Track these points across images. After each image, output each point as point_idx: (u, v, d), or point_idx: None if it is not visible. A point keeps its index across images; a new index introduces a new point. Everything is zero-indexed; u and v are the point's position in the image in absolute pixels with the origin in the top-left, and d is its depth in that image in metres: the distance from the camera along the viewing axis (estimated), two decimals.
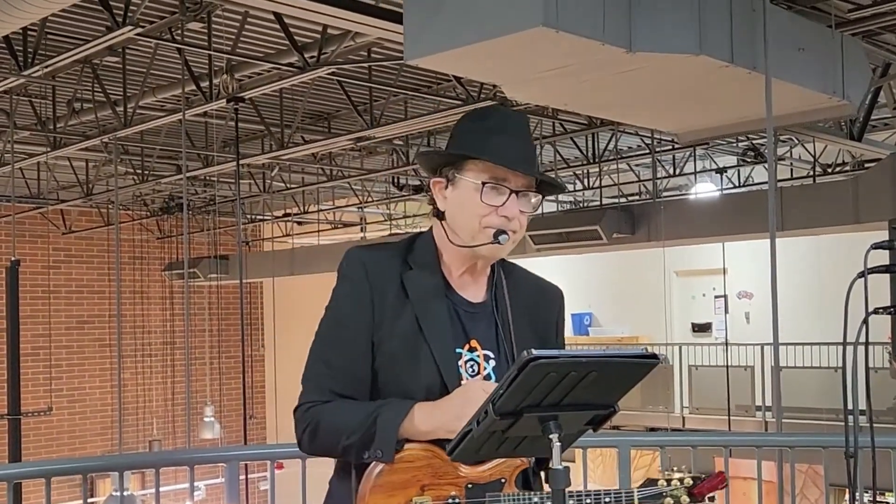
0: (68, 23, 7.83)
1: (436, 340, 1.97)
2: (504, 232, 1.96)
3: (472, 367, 1.99)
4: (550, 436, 1.70)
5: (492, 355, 2.03)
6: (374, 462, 1.89)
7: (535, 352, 1.62)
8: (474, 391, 1.87)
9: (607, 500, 1.98)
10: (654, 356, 1.71)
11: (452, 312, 2.02)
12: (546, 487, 2.01)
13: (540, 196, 2.03)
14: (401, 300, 1.98)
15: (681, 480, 2.02)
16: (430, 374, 1.95)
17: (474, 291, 2.07)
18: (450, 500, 1.90)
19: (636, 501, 1.99)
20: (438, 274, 2.04)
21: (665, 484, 2.01)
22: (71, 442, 17.43)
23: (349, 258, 2.03)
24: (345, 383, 1.96)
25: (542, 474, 2.05)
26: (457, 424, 1.83)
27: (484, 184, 1.96)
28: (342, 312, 2.00)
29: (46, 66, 7.92)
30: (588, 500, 1.94)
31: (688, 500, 2.01)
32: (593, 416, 1.79)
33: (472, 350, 2.01)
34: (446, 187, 2.03)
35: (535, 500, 1.91)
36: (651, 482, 2.02)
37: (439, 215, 2.05)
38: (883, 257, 2.13)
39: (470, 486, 1.91)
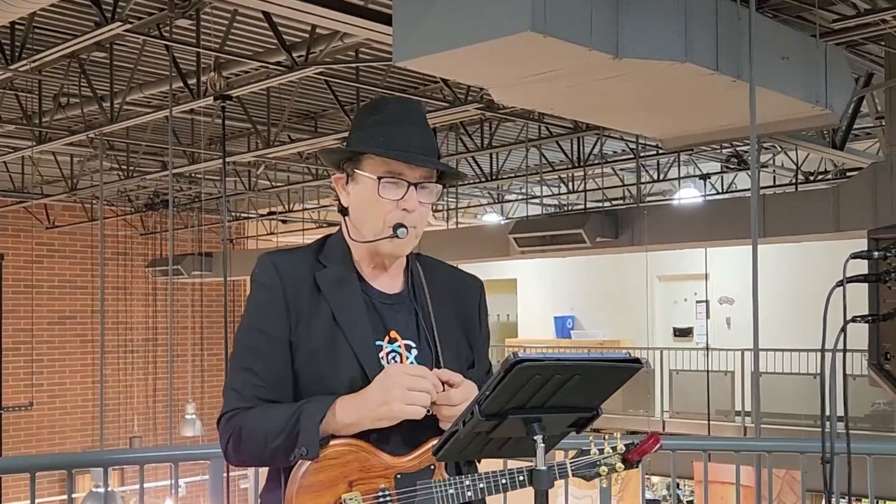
0: (56, 18, 7.82)
1: (354, 334, 1.94)
2: (403, 225, 1.94)
3: (393, 357, 1.97)
4: (535, 437, 1.73)
5: (413, 345, 2.00)
6: (298, 463, 1.85)
7: (520, 354, 1.64)
8: (395, 375, 1.86)
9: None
10: (638, 360, 1.74)
11: (369, 305, 1.99)
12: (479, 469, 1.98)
13: (440, 186, 2.01)
14: (315, 299, 1.96)
15: (613, 448, 1.98)
16: (351, 368, 1.92)
17: (390, 283, 2.05)
18: (380, 494, 1.88)
19: (569, 473, 1.96)
20: (351, 269, 2.02)
21: (598, 453, 1.98)
22: (51, 437, 17.36)
23: (260, 264, 2.00)
24: (267, 389, 1.93)
25: (476, 461, 2.02)
26: (381, 411, 1.83)
27: (380, 178, 1.94)
28: (258, 319, 1.97)
29: (34, 61, 7.90)
30: (521, 477, 1.89)
31: (622, 466, 1.98)
32: (577, 419, 1.82)
33: (392, 341, 1.98)
34: (347, 183, 2.02)
35: (467, 482, 1.89)
36: (583, 452, 1.98)
37: (344, 212, 2.04)
38: (862, 266, 2.17)
39: (399, 476, 1.89)
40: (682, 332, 17.46)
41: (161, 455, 4.35)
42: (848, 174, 12.72)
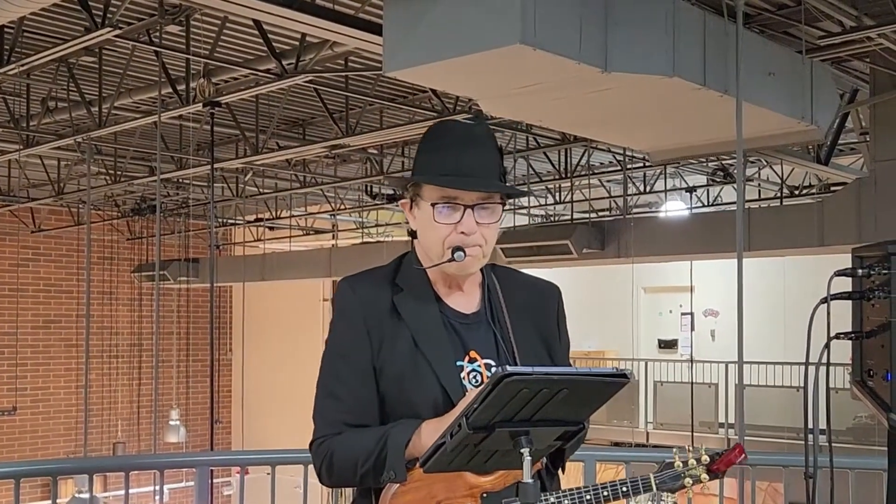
0: (46, 22, 7.81)
1: (435, 356, 1.98)
2: (461, 249, 1.96)
3: (475, 377, 2.01)
4: (522, 450, 1.74)
5: (493, 363, 2.03)
6: (387, 486, 1.91)
7: (508, 368, 1.66)
8: None
9: (624, 489, 2.02)
10: (625, 375, 1.75)
11: (447, 326, 2.03)
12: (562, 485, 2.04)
13: (500, 205, 2.02)
14: (395, 323, 2.00)
15: (698, 459, 2.04)
16: (434, 390, 1.96)
17: (467, 302, 2.08)
18: None
19: (654, 485, 2.03)
20: (428, 290, 2.05)
21: (681, 465, 2.03)
22: (34, 442, 17.26)
23: (340, 291, 2.04)
24: (354, 413, 1.99)
25: (559, 472, 2.07)
26: None
27: (433, 205, 1.97)
28: (342, 345, 2.02)
29: (22, 65, 7.89)
30: (605, 492, 1.97)
31: (707, 477, 2.05)
32: (564, 432, 1.83)
33: (472, 361, 2.02)
34: (411, 208, 2.06)
35: (552, 500, 1.94)
36: (667, 465, 2.04)
37: (414, 235, 2.08)
38: (846, 283, 2.20)
39: (485, 495, 1.94)
40: (667, 344, 17.53)
41: (147, 462, 4.35)
42: (832, 189, 12.80)
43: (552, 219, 17.00)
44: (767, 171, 13.83)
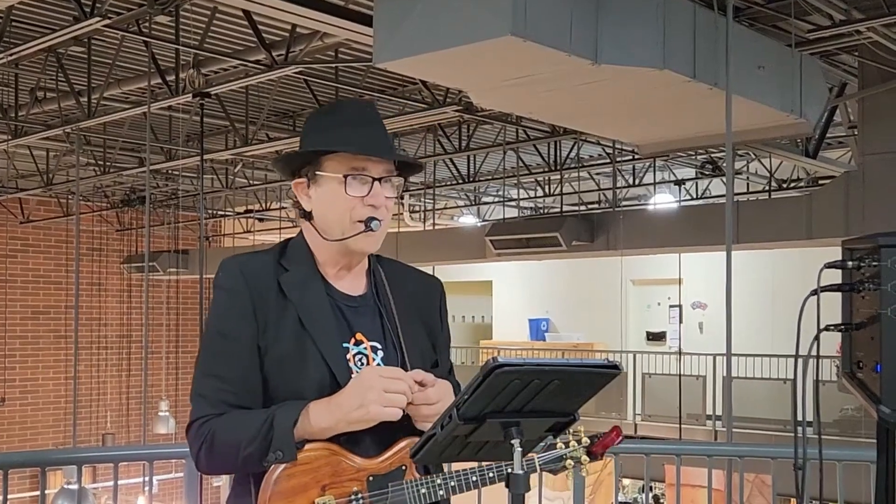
0: (34, 11, 7.77)
1: (321, 337, 1.95)
2: (375, 218, 1.96)
3: (360, 359, 1.99)
4: (512, 441, 1.73)
5: (379, 346, 2.02)
6: (271, 469, 1.86)
7: (500, 359, 1.64)
8: (370, 378, 1.88)
9: (510, 469, 1.95)
10: (616, 366, 1.74)
11: (334, 308, 2.01)
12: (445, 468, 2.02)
13: (402, 179, 2.04)
14: (281, 303, 1.96)
15: (578, 441, 2.04)
16: (319, 371, 1.93)
17: (353, 285, 2.07)
18: (352, 497, 1.90)
19: (538, 467, 2.01)
20: (315, 272, 2.03)
21: (563, 446, 2.02)
22: (23, 433, 17.22)
23: (225, 268, 1.99)
24: (237, 394, 1.92)
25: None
26: (358, 414, 1.84)
27: (346, 176, 1.95)
28: (226, 324, 1.96)
29: (11, 54, 7.85)
30: (490, 473, 1.95)
31: (588, 459, 2.04)
32: (554, 423, 1.83)
33: (358, 343, 2.00)
34: (308, 187, 2.02)
35: (438, 481, 1.93)
36: (550, 447, 2.03)
37: (306, 216, 2.05)
38: (835, 276, 2.21)
39: (371, 478, 1.91)
40: (655, 336, 17.58)
41: (136, 454, 4.34)
42: (820, 182, 12.85)
43: (542, 211, 17.02)
44: (756, 164, 13.87)
